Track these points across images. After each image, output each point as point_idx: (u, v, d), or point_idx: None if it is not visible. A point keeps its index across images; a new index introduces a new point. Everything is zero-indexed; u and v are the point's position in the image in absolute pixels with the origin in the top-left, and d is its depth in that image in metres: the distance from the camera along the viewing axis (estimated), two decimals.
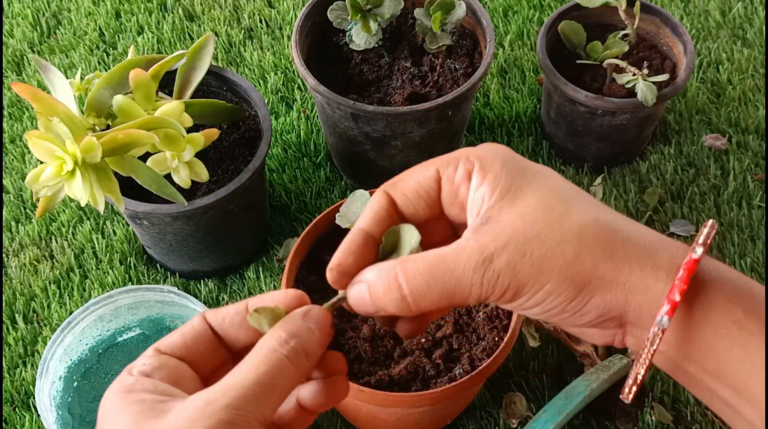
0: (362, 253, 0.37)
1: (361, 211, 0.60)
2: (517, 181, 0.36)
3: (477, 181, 0.36)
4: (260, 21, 1.06)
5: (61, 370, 0.64)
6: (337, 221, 0.61)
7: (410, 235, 0.37)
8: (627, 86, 0.81)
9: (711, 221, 0.36)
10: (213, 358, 0.37)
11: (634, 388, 0.36)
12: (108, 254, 0.84)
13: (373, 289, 0.35)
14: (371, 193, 0.61)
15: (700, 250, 0.35)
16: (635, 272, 0.35)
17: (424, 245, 0.37)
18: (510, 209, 0.35)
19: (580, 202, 0.36)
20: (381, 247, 0.37)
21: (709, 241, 0.35)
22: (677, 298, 0.34)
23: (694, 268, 0.34)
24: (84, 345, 0.66)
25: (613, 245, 0.35)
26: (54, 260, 0.85)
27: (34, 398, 0.75)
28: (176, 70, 0.74)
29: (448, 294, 0.34)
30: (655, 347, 0.34)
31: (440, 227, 0.40)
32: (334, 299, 0.37)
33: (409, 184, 0.38)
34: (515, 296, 0.35)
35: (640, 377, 0.35)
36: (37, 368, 0.77)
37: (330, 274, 0.37)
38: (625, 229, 0.36)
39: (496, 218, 0.35)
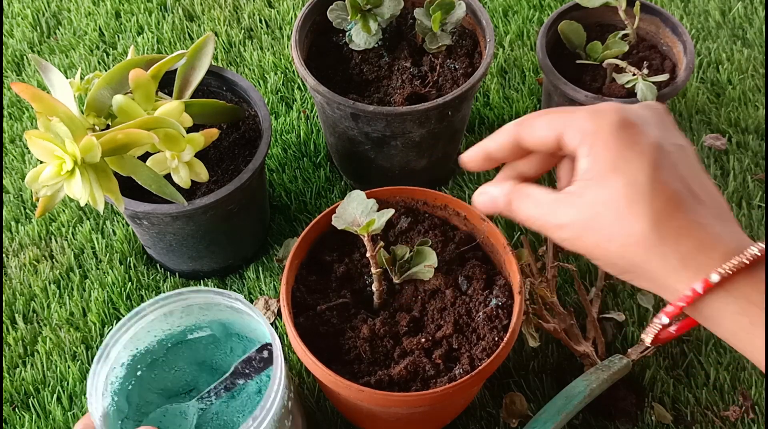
0: (486, 162, 0.53)
1: (357, 211, 0.60)
2: (611, 164, 0.45)
3: (584, 153, 0.46)
4: (260, 21, 1.06)
5: (124, 357, 0.62)
6: (333, 223, 0.61)
7: (431, 257, 0.63)
8: (627, 86, 0.81)
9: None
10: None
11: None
12: (108, 254, 0.84)
13: (494, 201, 0.52)
14: (368, 195, 0.61)
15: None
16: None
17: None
18: (591, 191, 0.45)
19: (644, 207, 0.44)
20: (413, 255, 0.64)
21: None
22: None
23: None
24: (152, 336, 0.64)
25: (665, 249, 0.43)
26: (54, 260, 0.85)
27: (33, 398, 0.75)
28: (176, 70, 0.74)
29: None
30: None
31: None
32: None
33: (535, 134, 0.49)
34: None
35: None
36: (37, 368, 0.77)
37: (470, 156, 0.53)
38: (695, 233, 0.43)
39: (580, 193, 0.46)
